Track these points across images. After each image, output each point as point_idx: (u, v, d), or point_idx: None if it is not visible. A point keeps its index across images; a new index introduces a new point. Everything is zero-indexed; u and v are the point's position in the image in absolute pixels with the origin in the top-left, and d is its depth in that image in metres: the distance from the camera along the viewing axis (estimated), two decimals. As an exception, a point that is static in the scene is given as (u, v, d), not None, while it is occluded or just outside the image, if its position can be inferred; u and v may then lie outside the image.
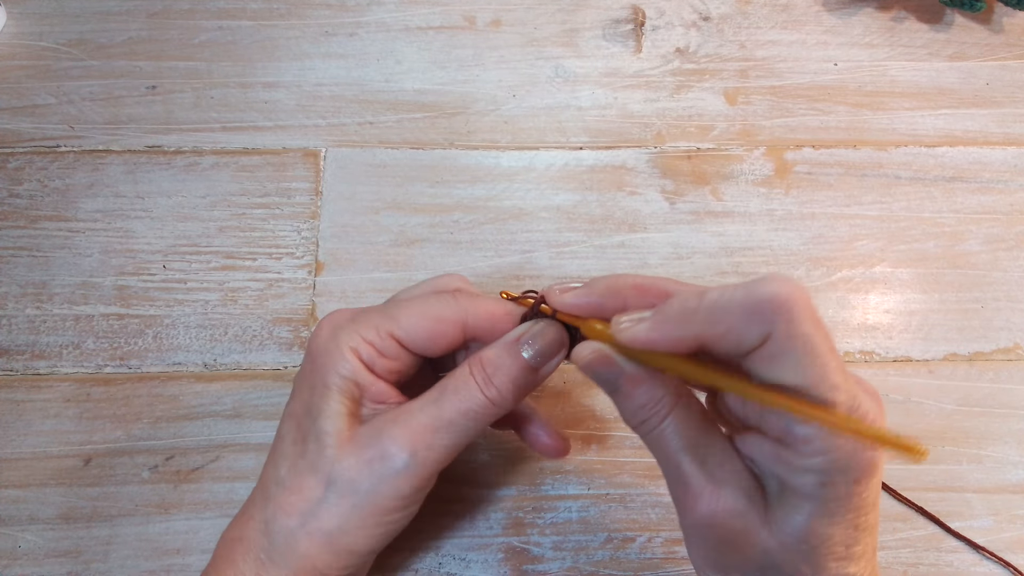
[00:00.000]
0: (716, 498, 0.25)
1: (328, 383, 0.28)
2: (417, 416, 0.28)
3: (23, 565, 0.35)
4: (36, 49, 0.46)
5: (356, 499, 0.27)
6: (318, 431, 0.28)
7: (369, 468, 0.27)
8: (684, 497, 0.25)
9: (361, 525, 0.28)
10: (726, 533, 0.25)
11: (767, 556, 0.24)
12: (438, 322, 0.29)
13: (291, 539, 0.27)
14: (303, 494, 0.27)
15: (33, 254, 0.41)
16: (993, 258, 0.43)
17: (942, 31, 0.49)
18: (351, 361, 0.28)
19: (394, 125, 0.45)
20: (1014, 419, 0.39)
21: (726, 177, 0.44)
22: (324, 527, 0.27)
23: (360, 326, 0.29)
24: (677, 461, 0.25)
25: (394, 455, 0.27)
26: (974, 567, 0.36)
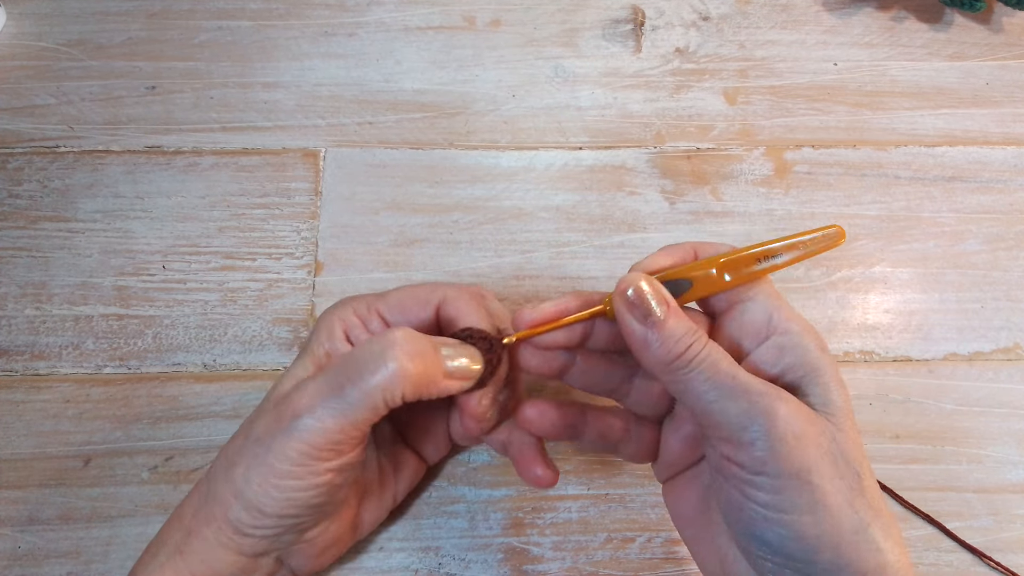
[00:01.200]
0: (780, 393, 0.25)
1: (307, 349, 0.31)
2: (315, 382, 0.28)
3: (23, 565, 0.35)
4: (36, 49, 0.46)
5: (258, 454, 0.27)
6: (272, 389, 0.30)
7: (269, 427, 0.28)
8: (754, 404, 0.25)
9: (261, 483, 0.27)
10: (800, 426, 0.25)
11: (831, 437, 0.25)
12: (417, 303, 0.31)
13: (216, 484, 0.28)
14: (235, 443, 0.29)
15: (33, 254, 0.41)
16: (993, 258, 0.43)
17: (942, 31, 0.49)
18: (335, 331, 0.30)
19: (394, 125, 0.45)
20: (1014, 419, 0.39)
21: (726, 177, 0.44)
22: (234, 476, 0.28)
23: (355, 301, 0.31)
24: (733, 372, 0.26)
25: (284, 417, 0.27)
26: (973, 567, 0.36)
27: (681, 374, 0.26)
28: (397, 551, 0.36)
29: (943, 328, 0.41)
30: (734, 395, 0.25)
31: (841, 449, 0.25)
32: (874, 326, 0.41)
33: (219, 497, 0.28)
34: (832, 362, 0.27)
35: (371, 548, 0.36)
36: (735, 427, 0.25)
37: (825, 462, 0.25)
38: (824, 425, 0.26)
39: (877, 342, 0.41)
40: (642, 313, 0.26)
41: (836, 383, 0.27)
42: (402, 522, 0.36)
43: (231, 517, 0.28)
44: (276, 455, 0.27)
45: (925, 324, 0.41)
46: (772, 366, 0.27)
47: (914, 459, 0.38)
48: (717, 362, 0.26)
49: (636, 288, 0.26)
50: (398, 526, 0.36)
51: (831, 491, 0.25)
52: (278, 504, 0.27)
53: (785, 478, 0.25)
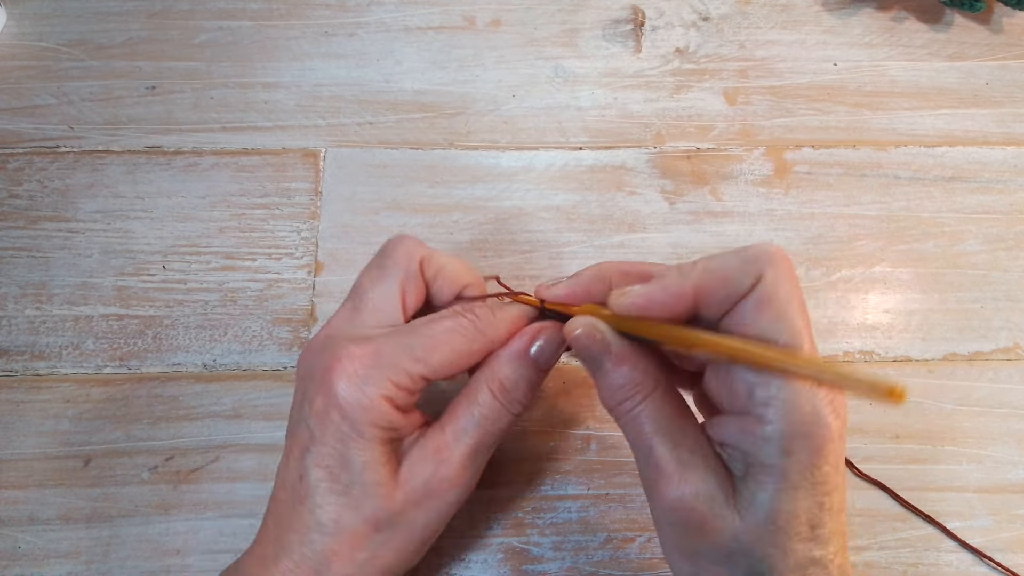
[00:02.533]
0: (684, 481, 0.25)
1: (363, 434, 0.27)
2: (456, 450, 0.29)
3: (23, 566, 0.35)
4: (36, 49, 0.46)
5: (412, 535, 0.29)
6: (364, 483, 0.27)
7: (421, 507, 0.29)
8: (655, 480, 0.26)
9: (416, 552, 0.30)
10: (694, 517, 0.25)
11: (735, 540, 0.25)
12: (468, 356, 0.29)
13: None
14: (358, 542, 0.28)
15: (33, 254, 0.41)
16: (993, 258, 0.43)
17: (942, 31, 0.49)
18: (386, 411, 0.28)
19: (394, 125, 0.45)
20: (1014, 419, 0.39)
21: (726, 177, 0.44)
22: (381, 564, 0.28)
23: (388, 371, 0.28)
24: (650, 444, 0.26)
25: (445, 492, 0.29)
26: (973, 567, 0.36)
27: (616, 420, 0.28)
28: (397, 551, 0.36)
29: (943, 328, 0.41)
30: (645, 463, 0.27)
31: (745, 547, 0.25)
32: (874, 326, 0.41)
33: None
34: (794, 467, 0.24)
35: (371, 548, 0.36)
36: (643, 485, 0.28)
37: (717, 553, 0.26)
38: (728, 522, 0.25)
39: (877, 342, 0.41)
40: (585, 359, 0.27)
41: (784, 488, 0.24)
42: (402, 522, 0.36)
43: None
44: (435, 522, 0.30)
45: (925, 324, 0.41)
46: (728, 439, 0.26)
47: (914, 459, 0.38)
48: (640, 427, 0.26)
49: (581, 336, 0.27)
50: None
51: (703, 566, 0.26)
52: (423, 555, 0.31)
53: (673, 548, 0.27)
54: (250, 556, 0.29)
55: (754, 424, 0.24)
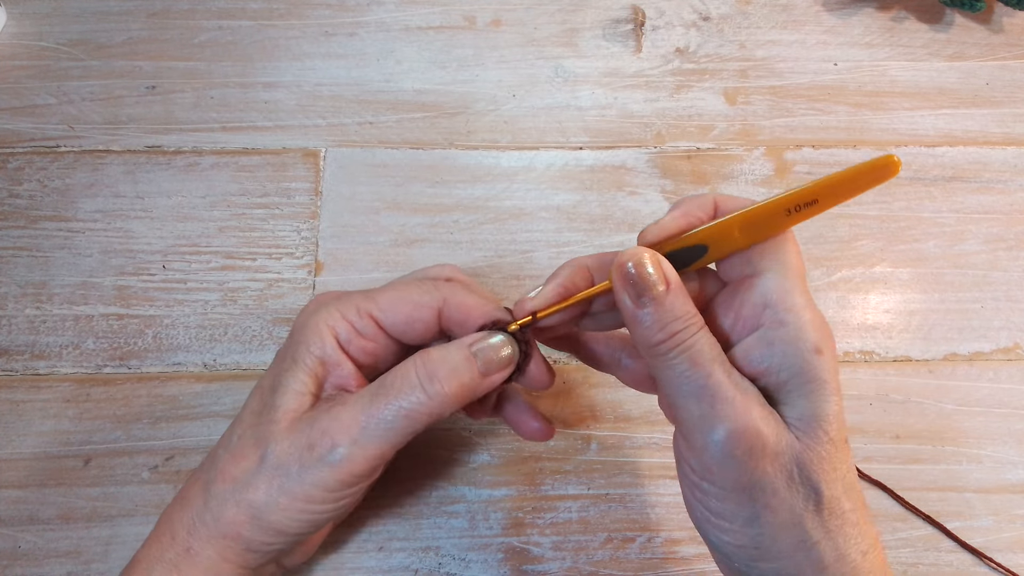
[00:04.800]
0: (748, 405, 0.25)
1: (296, 358, 0.29)
2: (350, 409, 0.27)
3: (23, 565, 0.35)
4: (36, 49, 0.46)
5: (284, 481, 0.27)
6: (273, 405, 0.28)
7: (299, 454, 0.27)
8: (713, 410, 0.25)
9: (287, 507, 0.27)
10: (759, 441, 0.24)
11: (796, 460, 0.25)
12: (416, 307, 0.29)
13: (222, 504, 0.28)
14: (241, 464, 0.28)
15: (33, 254, 0.41)
16: (993, 258, 0.43)
17: (942, 31, 0.49)
18: (326, 338, 0.29)
19: (394, 125, 0.45)
20: (1014, 419, 0.39)
21: (726, 177, 0.44)
22: (252, 499, 0.27)
23: (342, 304, 0.29)
24: (708, 372, 0.25)
25: (321, 447, 0.27)
26: (973, 567, 0.36)
27: (661, 360, 0.26)
28: (397, 551, 0.36)
29: (943, 328, 0.41)
30: (700, 395, 0.25)
31: (802, 466, 0.25)
32: (874, 326, 0.41)
33: (227, 517, 0.27)
34: (826, 366, 0.25)
35: (371, 548, 0.36)
36: (692, 428, 0.25)
37: (778, 479, 0.25)
38: (787, 441, 0.25)
39: (877, 342, 0.41)
40: (636, 292, 0.25)
41: (824, 392, 0.25)
42: (402, 522, 0.36)
43: (245, 536, 0.27)
44: (310, 483, 0.27)
45: (925, 324, 0.41)
46: (756, 362, 0.26)
47: (914, 459, 0.38)
48: (698, 355, 0.25)
49: (636, 263, 0.25)
50: (398, 526, 0.36)
51: (777, 508, 0.25)
52: (301, 525, 0.28)
53: (729, 490, 0.25)
54: None
55: (779, 331, 0.25)
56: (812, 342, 0.25)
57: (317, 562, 0.35)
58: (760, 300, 0.26)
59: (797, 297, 0.26)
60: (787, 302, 0.25)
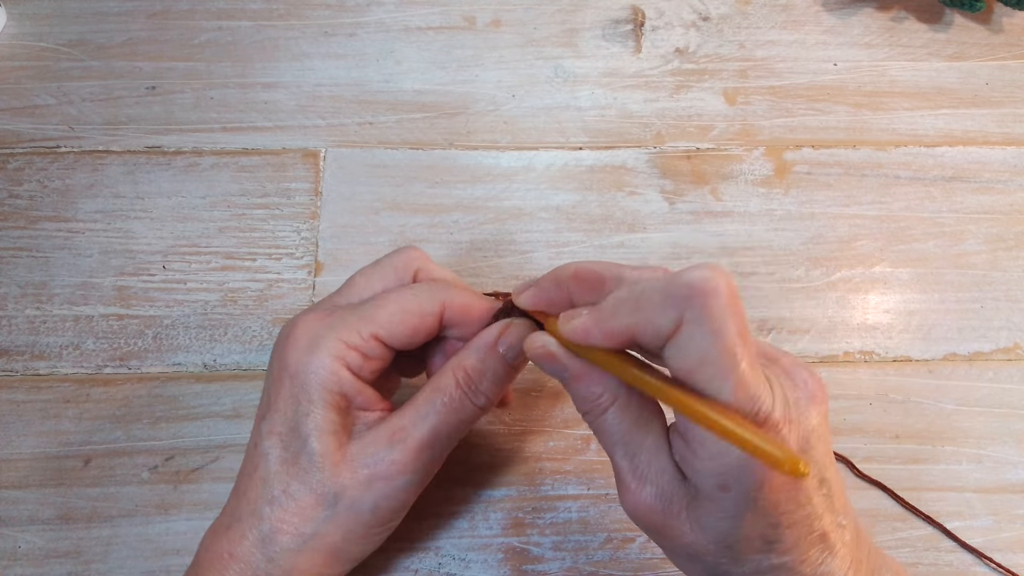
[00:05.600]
0: (639, 493, 0.26)
1: (313, 398, 0.28)
2: (412, 435, 0.28)
3: (23, 566, 0.35)
4: (36, 50, 0.46)
5: (359, 516, 0.28)
6: (310, 451, 0.28)
7: (370, 487, 0.28)
8: (618, 487, 0.27)
9: (364, 536, 0.29)
10: (652, 523, 0.26)
11: (691, 548, 0.25)
12: (420, 319, 0.29)
13: (293, 557, 0.28)
14: (303, 514, 0.28)
15: (33, 255, 0.41)
16: (993, 258, 0.43)
17: (942, 31, 0.49)
18: (339, 372, 0.28)
19: (394, 125, 0.45)
20: (1014, 419, 0.39)
21: (726, 177, 0.44)
22: (327, 543, 0.28)
23: (340, 331, 0.28)
24: (611, 453, 0.26)
25: (395, 476, 0.28)
26: (973, 567, 0.36)
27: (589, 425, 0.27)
28: (397, 551, 0.36)
29: (943, 328, 0.41)
30: (613, 467, 0.27)
31: (696, 553, 0.25)
32: (874, 326, 0.41)
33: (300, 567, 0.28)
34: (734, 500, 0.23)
35: (371, 548, 0.36)
36: None
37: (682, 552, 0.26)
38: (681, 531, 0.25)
39: (877, 342, 0.41)
40: (553, 372, 0.27)
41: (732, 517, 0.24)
42: (402, 522, 0.36)
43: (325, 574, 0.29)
44: (385, 511, 0.29)
45: (925, 324, 0.41)
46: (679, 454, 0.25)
47: (914, 459, 0.38)
48: (604, 436, 0.27)
49: (537, 356, 0.27)
50: (398, 526, 0.36)
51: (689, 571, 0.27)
52: (375, 544, 0.31)
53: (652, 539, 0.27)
54: (211, 528, 0.30)
55: (692, 456, 0.24)
56: (717, 481, 0.23)
57: (317, 562, 0.35)
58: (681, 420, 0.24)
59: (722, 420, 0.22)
60: (705, 435, 0.23)
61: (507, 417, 0.38)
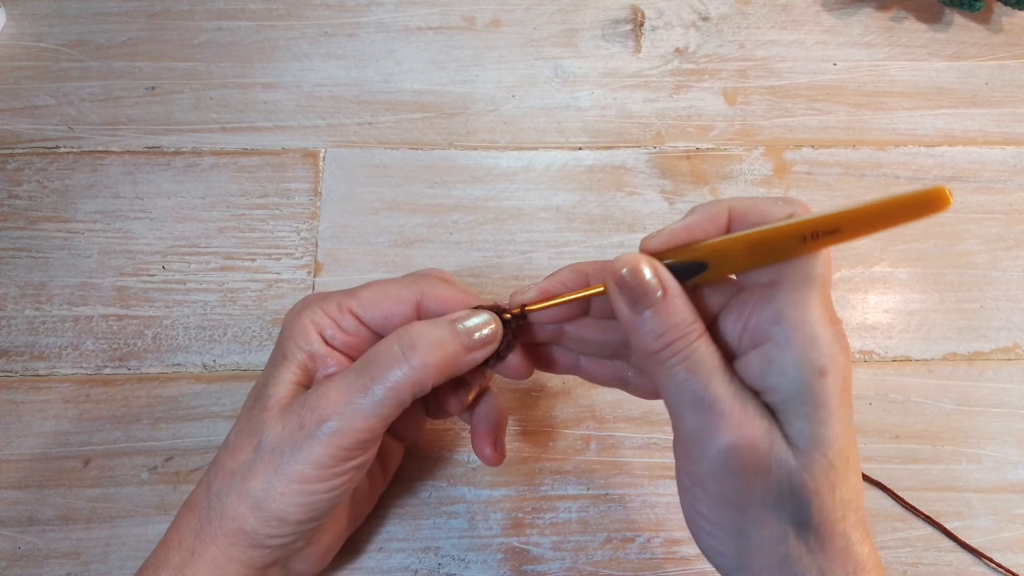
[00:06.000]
0: (746, 419, 0.24)
1: (286, 353, 0.29)
2: (337, 385, 0.28)
3: (23, 566, 0.35)
4: (35, 50, 0.46)
5: (279, 464, 0.27)
6: (264, 395, 0.29)
7: (290, 435, 0.27)
8: (708, 423, 0.24)
9: (284, 491, 0.27)
10: (755, 456, 0.24)
11: (789, 479, 0.24)
12: (395, 301, 0.30)
13: (223, 500, 0.28)
14: (239, 456, 0.28)
15: (32, 255, 0.41)
16: (993, 258, 0.43)
17: (941, 31, 0.49)
18: (311, 334, 0.29)
19: (393, 125, 0.45)
20: (1014, 419, 0.39)
21: (725, 177, 0.44)
22: (251, 488, 0.27)
23: (325, 303, 0.30)
24: (706, 382, 0.24)
25: (310, 424, 0.27)
26: (973, 567, 0.36)
27: (658, 368, 0.25)
28: (397, 551, 0.36)
29: (943, 328, 0.41)
30: (697, 406, 0.25)
31: (795, 485, 0.24)
32: (874, 326, 0.41)
33: (229, 513, 0.27)
34: (828, 389, 0.24)
35: (371, 548, 0.36)
36: (689, 438, 0.25)
37: (769, 495, 0.25)
38: (783, 459, 0.24)
39: (877, 342, 0.41)
40: (632, 298, 0.25)
41: (824, 416, 0.24)
42: (402, 522, 0.36)
43: (248, 530, 0.27)
44: (303, 461, 0.27)
45: (925, 324, 0.41)
46: (756, 379, 0.25)
47: (914, 459, 0.38)
48: (696, 364, 0.25)
49: (632, 270, 0.25)
50: (398, 526, 0.36)
51: (765, 523, 0.25)
52: (301, 510, 0.28)
53: (721, 501, 0.25)
54: None
55: (782, 350, 0.24)
56: (816, 364, 0.24)
57: (317, 562, 0.35)
58: (770, 315, 0.25)
59: (811, 312, 0.24)
60: (798, 318, 0.24)
61: (507, 417, 0.39)
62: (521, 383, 0.39)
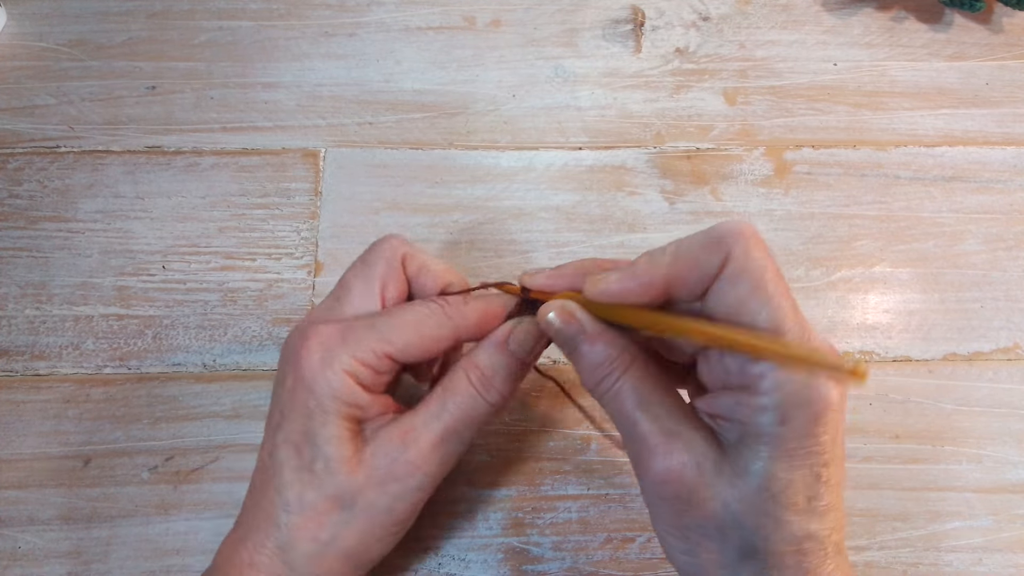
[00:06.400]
0: (670, 452, 0.25)
1: (327, 409, 0.28)
2: (424, 434, 0.29)
3: (23, 566, 0.35)
4: (36, 50, 0.46)
5: (374, 518, 0.28)
6: (326, 458, 0.28)
7: (384, 489, 0.28)
8: (640, 454, 0.26)
9: (379, 539, 0.29)
10: (683, 488, 0.25)
11: (726, 510, 0.24)
12: (435, 341, 0.29)
13: (313, 563, 0.28)
14: (320, 520, 0.28)
15: (33, 255, 0.41)
16: (993, 258, 0.43)
17: (942, 31, 0.49)
18: (349, 385, 0.28)
19: (394, 125, 0.45)
20: (1014, 419, 0.39)
21: (726, 177, 0.44)
22: (345, 547, 0.28)
23: (353, 348, 0.28)
24: (633, 419, 0.26)
25: (408, 476, 0.28)
26: (974, 567, 0.36)
27: (600, 401, 0.27)
28: (397, 551, 0.35)
29: (943, 328, 0.41)
30: (630, 439, 0.26)
31: (736, 517, 0.24)
32: (874, 326, 0.41)
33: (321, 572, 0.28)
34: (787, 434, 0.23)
35: (371, 548, 0.36)
36: (632, 464, 0.27)
37: (709, 524, 0.25)
38: (719, 491, 0.24)
39: (877, 342, 0.41)
40: (560, 342, 0.27)
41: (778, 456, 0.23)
42: (402, 522, 0.36)
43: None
44: (401, 510, 0.29)
45: (925, 324, 0.41)
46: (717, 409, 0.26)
47: (914, 459, 0.38)
48: (622, 402, 0.26)
49: (546, 321, 0.27)
50: (398, 526, 0.36)
51: (710, 549, 0.26)
52: (391, 545, 0.31)
53: (664, 524, 0.27)
54: (227, 538, 0.29)
55: (749, 396, 0.24)
56: (778, 414, 0.23)
57: (317, 562, 0.35)
58: (736, 364, 0.25)
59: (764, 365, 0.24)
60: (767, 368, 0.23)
61: (507, 417, 0.38)
62: (522, 383, 0.39)
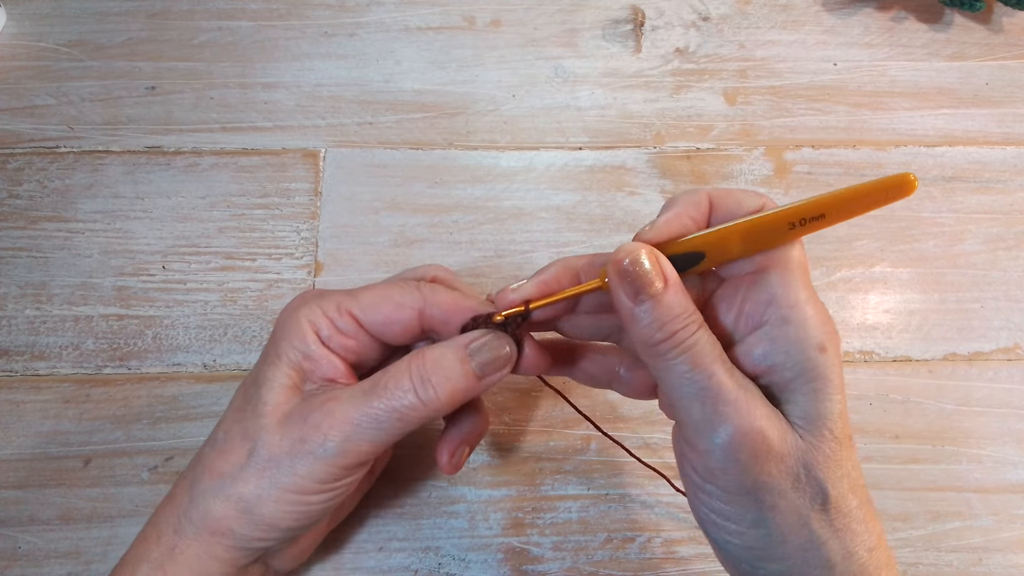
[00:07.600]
0: (751, 407, 0.24)
1: (279, 353, 0.29)
2: (343, 406, 0.27)
3: (23, 566, 0.35)
4: (36, 50, 0.46)
5: (274, 474, 0.27)
6: (258, 399, 0.28)
7: (290, 447, 0.27)
8: (716, 412, 0.24)
9: (278, 500, 0.27)
10: (762, 442, 0.24)
11: (801, 455, 0.24)
12: (397, 307, 0.29)
13: (209, 500, 0.27)
14: (229, 459, 0.28)
15: (33, 255, 0.41)
16: (993, 258, 0.43)
17: (942, 31, 0.49)
18: (307, 334, 0.29)
19: (394, 125, 0.45)
20: (1014, 419, 0.39)
21: (726, 177, 0.44)
22: (241, 493, 0.27)
23: (323, 302, 0.29)
24: (710, 373, 0.24)
25: (313, 441, 0.27)
26: (974, 567, 0.36)
27: (660, 360, 0.25)
28: (397, 551, 0.36)
29: (943, 328, 0.41)
30: (702, 397, 0.25)
31: (808, 466, 0.24)
32: (874, 326, 0.41)
33: (215, 513, 0.27)
34: (830, 364, 0.25)
35: (371, 548, 0.36)
36: (694, 430, 0.25)
37: (784, 480, 0.24)
38: (792, 441, 0.25)
39: (877, 342, 0.41)
40: (633, 289, 0.25)
41: (829, 391, 0.25)
42: (402, 522, 0.36)
43: (235, 532, 0.27)
44: (302, 475, 0.27)
45: (925, 324, 0.41)
46: (758, 360, 0.25)
47: (914, 459, 0.38)
48: (699, 355, 0.25)
49: (633, 260, 0.25)
50: (398, 526, 0.36)
51: (784, 510, 0.25)
52: (293, 518, 0.28)
53: (734, 492, 0.25)
54: None
55: (783, 328, 0.25)
56: (816, 339, 0.25)
57: (316, 562, 0.35)
58: (763, 297, 0.25)
59: (801, 293, 0.25)
60: (791, 299, 0.25)
61: (507, 417, 0.39)
62: (521, 383, 0.39)
